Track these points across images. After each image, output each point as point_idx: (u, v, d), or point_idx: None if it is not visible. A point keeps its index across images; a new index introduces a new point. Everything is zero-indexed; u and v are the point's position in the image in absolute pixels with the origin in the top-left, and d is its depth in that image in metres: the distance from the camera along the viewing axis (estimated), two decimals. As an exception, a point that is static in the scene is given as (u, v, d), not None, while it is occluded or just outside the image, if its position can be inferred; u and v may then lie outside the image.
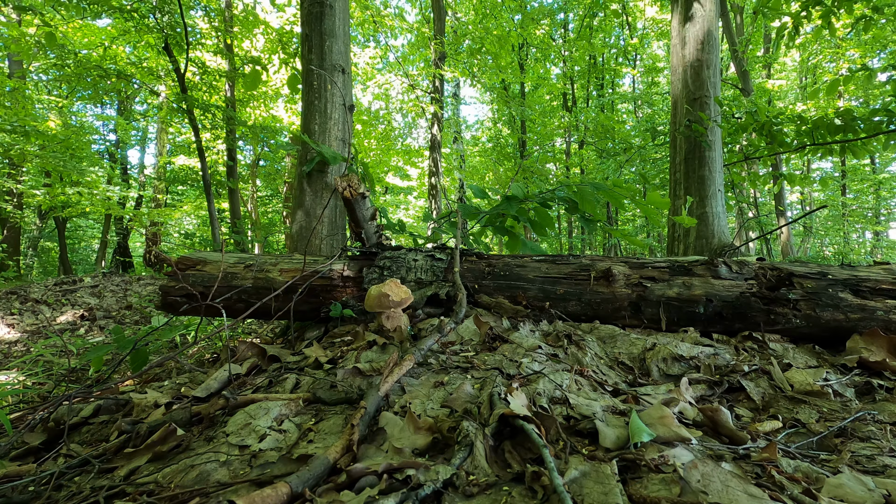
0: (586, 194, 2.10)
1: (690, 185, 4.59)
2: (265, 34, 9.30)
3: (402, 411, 0.66)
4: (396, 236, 4.76)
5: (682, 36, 4.81)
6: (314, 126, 2.89)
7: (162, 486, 0.55)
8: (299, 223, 2.78)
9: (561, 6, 14.74)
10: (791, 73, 16.02)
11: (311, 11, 2.99)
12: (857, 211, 18.44)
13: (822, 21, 4.37)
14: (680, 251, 4.76)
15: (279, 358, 0.99)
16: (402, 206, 20.01)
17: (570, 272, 1.21)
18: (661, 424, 0.60)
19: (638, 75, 15.72)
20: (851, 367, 0.96)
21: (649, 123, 11.82)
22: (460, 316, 1.04)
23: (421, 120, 14.57)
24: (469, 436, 0.56)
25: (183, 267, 1.27)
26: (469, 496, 0.48)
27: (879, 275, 1.14)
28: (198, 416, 0.71)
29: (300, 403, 0.73)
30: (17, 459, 0.70)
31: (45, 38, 5.35)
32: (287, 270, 1.25)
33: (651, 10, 14.06)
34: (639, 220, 14.41)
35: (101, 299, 5.37)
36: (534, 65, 15.11)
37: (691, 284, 1.15)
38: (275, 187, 14.58)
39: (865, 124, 3.53)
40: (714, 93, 4.61)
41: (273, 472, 0.55)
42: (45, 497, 0.56)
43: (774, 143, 4.17)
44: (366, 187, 1.43)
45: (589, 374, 0.83)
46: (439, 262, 1.23)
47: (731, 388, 0.87)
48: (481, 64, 12.35)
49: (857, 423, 0.73)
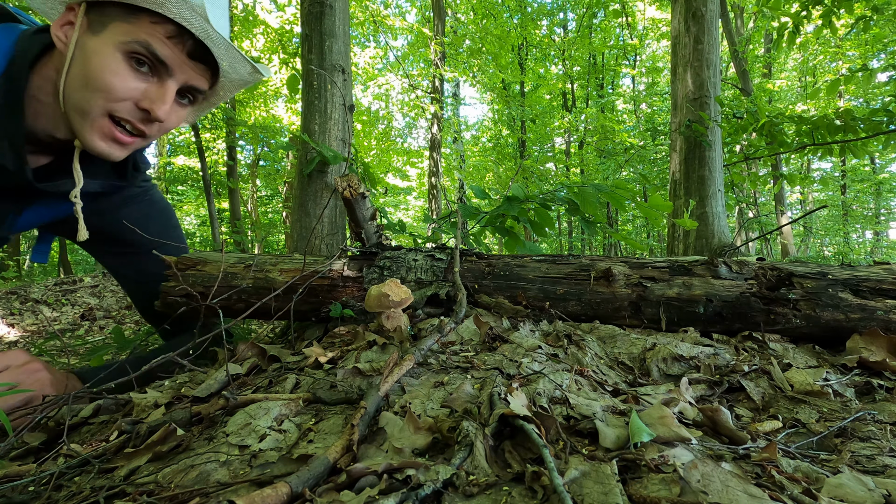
0: (588, 195, 2.10)
1: (690, 185, 4.59)
2: (265, 34, 9.31)
3: (402, 411, 0.66)
4: (396, 236, 4.77)
5: (682, 35, 4.81)
6: (314, 126, 2.89)
7: (162, 486, 0.55)
8: (299, 223, 2.78)
9: (560, 6, 14.73)
10: (791, 73, 16.02)
11: (311, 11, 2.99)
12: (857, 211, 18.45)
13: (823, 21, 4.37)
14: (680, 251, 4.77)
15: (279, 358, 0.99)
16: (401, 206, 20.02)
17: (570, 272, 1.20)
18: (661, 424, 0.60)
19: (638, 75, 15.72)
20: (851, 367, 0.96)
21: (649, 123, 11.83)
22: (460, 316, 1.04)
23: (421, 120, 14.57)
24: (469, 436, 0.56)
25: (182, 267, 1.27)
26: (469, 496, 0.48)
27: (879, 275, 1.14)
28: (198, 416, 0.71)
29: (300, 403, 0.73)
30: (17, 459, 0.70)
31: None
32: (287, 270, 1.25)
33: (651, 9, 14.06)
34: (639, 219, 14.41)
35: (101, 299, 5.38)
36: (534, 65, 15.12)
37: (691, 284, 1.15)
38: (275, 187, 14.60)
39: (865, 124, 3.53)
40: (714, 92, 4.62)
41: (273, 472, 0.55)
42: (45, 497, 0.56)
43: (774, 143, 4.17)
44: (366, 187, 1.43)
45: (589, 374, 0.83)
46: (439, 262, 1.23)
47: (731, 388, 0.87)
48: (481, 64, 12.36)
49: (857, 423, 0.73)
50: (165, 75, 1.07)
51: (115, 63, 1.02)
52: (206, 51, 1.09)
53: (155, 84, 1.07)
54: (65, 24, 1.05)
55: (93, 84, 1.02)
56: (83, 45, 1.03)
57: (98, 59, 1.01)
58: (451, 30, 12.11)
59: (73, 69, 1.03)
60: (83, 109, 1.04)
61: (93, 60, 1.01)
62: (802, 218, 14.32)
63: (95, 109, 1.04)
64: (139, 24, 1.02)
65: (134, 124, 1.08)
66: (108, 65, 1.01)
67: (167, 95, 1.07)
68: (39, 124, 1.11)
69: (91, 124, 1.05)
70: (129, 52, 1.02)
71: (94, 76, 1.01)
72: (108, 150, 1.09)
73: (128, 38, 1.02)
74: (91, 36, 1.03)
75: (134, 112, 1.07)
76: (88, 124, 1.06)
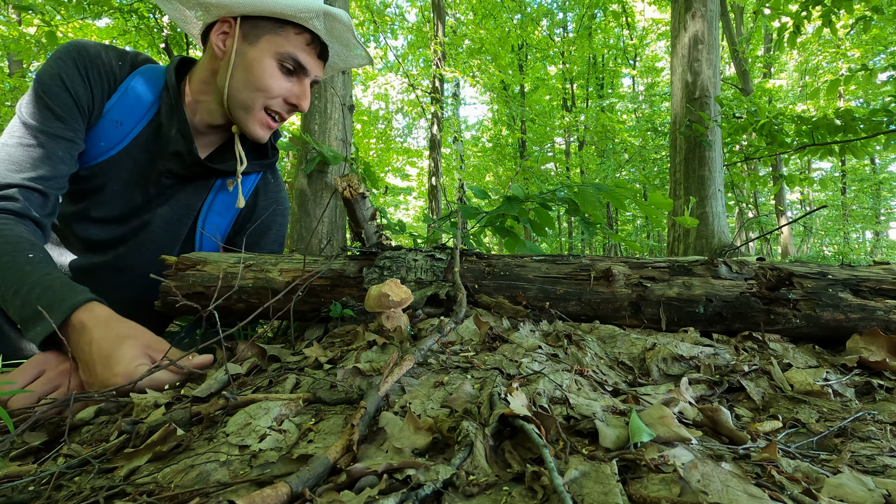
0: (588, 195, 2.10)
1: (690, 185, 4.60)
2: (265, 34, 9.28)
3: (402, 411, 0.66)
4: (396, 236, 4.78)
5: (682, 35, 4.81)
6: (314, 126, 2.89)
7: (162, 486, 0.55)
8: (299, 223, 2.78)
9: (560, 6, 14.73)
10: (791, 73, 16.02)
11: (311, 11, 2.99)
12: (857, 211, 18.45)
13: (823, 21, 4.37)
14: (680, 251, 4.77)
15: (279, 358, 0.99)
16: (401, 206, 20.01)
17: (570, 272, 1.20)
18: (661, 424, 0.60)
19: (638, 76, 15.72)
20: (851, 367, 0.96)
21: (649, 123, 11.83)
22: (460, 316, 1.04)
23: (421, 120, 14.57)
24: (469, 436, 0.56)
25: (183, 267, 1.27)
26: (469, 496, 0.48)
27: (879, 275, 1.14)
28: (198, 416, 0.71)
29: (300, 403, 0.73)
30: (17, 459, 0.70)
31: (45, 37, 5.36)
32: (287, 270, 1.25)
33: (651, 10, 14.06)
34: (639, 219, 14.42)
35: (101, 299, 5.36)
36: (533, 65, 15.11)
37: (691, 284, 1.15)
38: (275, 187, 14.56)
39: (865, 124, 3.53)
40: (714, 92, 4.62)
41: (273, 472, 0.55)
42: (45, 497, 0.56)
43: (774, 143, 4.17)
44: (366, 187, 1.44)
45: (589, 374, 0.83)
46: (439, 262, 1.23)
47: (731, 388, 0.87)
48: (481, 64, 12.37)
49: (857, 423, 0.73)
50: (303, 75, 1.37)
51: (271, 69, 1.31)
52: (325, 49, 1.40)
53: (296, 83, 1.37)
54: (220, 33, 1.32)
55: (255, 85, 1.31)
56: (243, 54, 1.30)
57: (258, 66, 1.30)
58: (451, 30, 12.11)
59: (235, 73, 1.31)
60: (247, 105, 1.35)
61: (254, 67, 1.30)
62: (802, 218, 14.32)
63: (257, 105, 1.35)
64: (287, 37, 1.31)
65: (282, 115, 1.40)
66: (266, 70, 1.31)
67: (307, 91, 1.40)
68: (197, 118, 1.42)
69: (253, 116, 1.36)
70: (280, 60, 1.32)
71: (256, 79, 1.31)
72: (263, 134, 1.41)
73: (280, 49, 1.31)
74: (248, 46, 1.30)
75: (283, 106, 1.38)
76: (252, 116, 1.36)
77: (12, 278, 1.06)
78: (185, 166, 1.41)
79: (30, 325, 1.02)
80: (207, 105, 1.39)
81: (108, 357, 0.94)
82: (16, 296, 1.05)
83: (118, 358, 0.94)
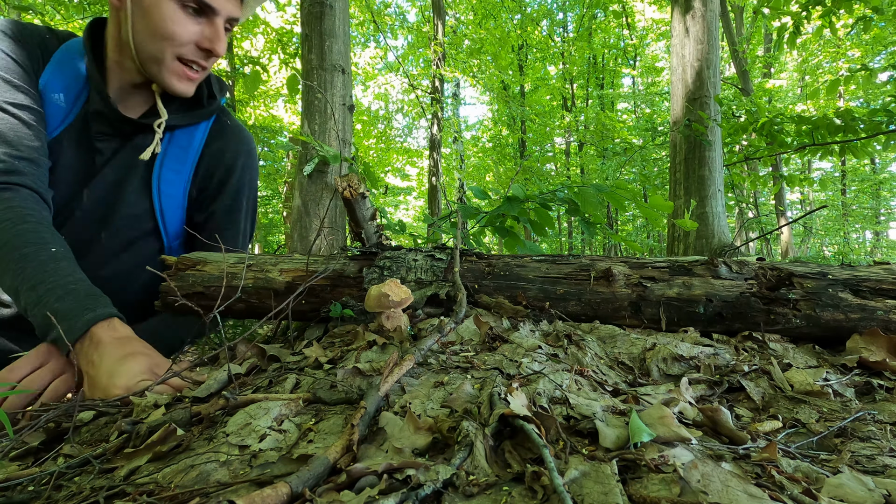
0: (588, 196, 2.10)
1: (690, 185, 4.60)
2: (265, 34, 9.31)
3: (402, 411, 0.66)
4: (396, 236, 4.78)
5: (682, 35, 4.81)
6: (314, 126, 2.89)
7: (162, 486, 0.55)
8: (299, 223, 2.79)
9: (560, 6, 14.72)
10: (791, 73, 16.01)
11: (311, 11, 3.00)
12: (857, 211, 18.45)
13: (823, 21, 4.37)
14: (680, 251, 4.77)
15: (279, 358, 0.99)
16: (401, 206, 20.01)
17: (570, 272, 1.20)
18: (661, 424, 0.60)
19: (638, 76, 15.71)
20: (851, 367, 0.96)
21: (649, 123, 11.83)
22: (460, 316, 1.04)
23: (421, 120, 14.57)
24: (469, 436, 0.56)
25: (183, 267, 1.27)
26: (469, 496, 0.48)
27: (879, 275, 1.14)
28: (198, 416, 0.71)
29: (300, 403, 0.73)
30: (17, 459, 0.70)
31: (45, 38, 5.34)
32: (287, 270, 1.25)
33: (651, 10, 14.06)
34: (639, 219, 14.41)
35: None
36: (533, 65, 15.11)
37: (691, 284, 1.15)
38: (275, 187, 14.59)
39: (865, 124, 3.53)
40: (714, 92, 4.62)
41: (273, 472, 0.55)
42: (45, 497, 0.56)
43: (774, 143, 4.17)
44: (366, 187, 1.43)
45: (589, 374, 0.83)
46: (439, 262, 1.23)
47: (731, 388, 0.87)
48: (481, 64, 12.36)
49: (857, 423, 0.73)
50: (212, 14, 1.23)
51: (172, 12, 1.18)
52: None
53: (207, 24, 1.23)
54: None
55: (158, 33, 1.18)
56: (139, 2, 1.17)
57: (157, 12, 1.17)
58: (451, 30, 12.11)
59: (136, 25, 1.19)
60: (156, 58, 1.23)
61: (153, 13, 1.17)
62: (802, 218, 14.33)
63: (167, 56, 1.22)
64: None
65: (199, 63, 1.27)
66: (166, 14, 1.17)
67: (221, 33, 1.26)
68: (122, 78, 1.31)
69: (167, 68, 1.24)
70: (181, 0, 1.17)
71: (158, 27, 1.18)
72: (184, 88, 1.30)
73: None
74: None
75: (197, 53, 1.25)
76: (165, 69, 1.24)
77: (31, 272, 1.05)
78: (111, 124, 1.33)
79: (43, 326, 1.02)
80: (123, 63, 1.29)
81: (113, 370, 0.95)
82: (32, 291, 1.03)
83: (122, 372, 0.94)
